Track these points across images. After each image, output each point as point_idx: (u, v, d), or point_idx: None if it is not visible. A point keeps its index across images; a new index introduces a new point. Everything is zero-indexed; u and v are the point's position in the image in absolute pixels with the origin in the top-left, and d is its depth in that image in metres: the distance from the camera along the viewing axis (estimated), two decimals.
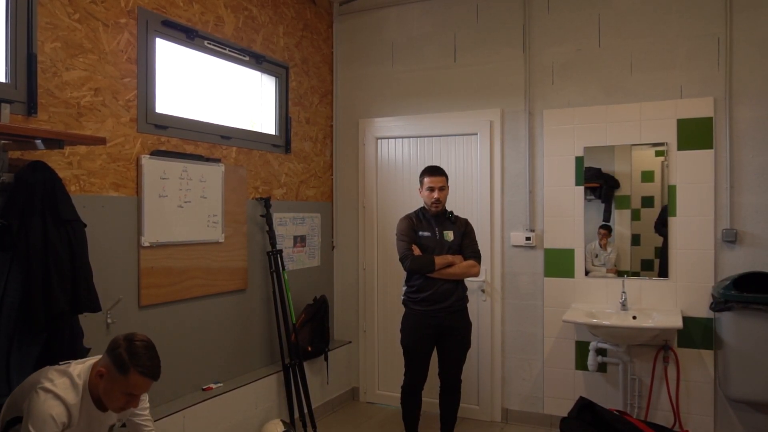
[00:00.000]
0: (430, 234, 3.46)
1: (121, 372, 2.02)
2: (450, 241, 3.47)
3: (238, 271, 3.65)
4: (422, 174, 3.53)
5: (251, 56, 3.81)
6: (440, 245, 3.44)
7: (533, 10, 4.08)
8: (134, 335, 2.10)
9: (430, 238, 3.45)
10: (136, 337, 2.09)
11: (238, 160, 3.71)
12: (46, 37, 2.55)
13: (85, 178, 2.72)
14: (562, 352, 4.00)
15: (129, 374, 2.02)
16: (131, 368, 2.02)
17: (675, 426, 3.67)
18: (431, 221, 3.50)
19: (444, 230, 3.48)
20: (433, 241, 3.44)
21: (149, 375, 2.07)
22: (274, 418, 3.73)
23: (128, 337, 2.08)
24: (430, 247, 3.43)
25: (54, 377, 2.06)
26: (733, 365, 3.40)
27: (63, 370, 2.10)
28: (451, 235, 3.48)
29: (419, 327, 3.43)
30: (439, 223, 3.50)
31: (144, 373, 2.04)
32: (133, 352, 2.03)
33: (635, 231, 3.86)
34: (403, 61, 4.50)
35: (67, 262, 2.39)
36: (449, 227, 3.50)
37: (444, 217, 3.52)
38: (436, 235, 3.46)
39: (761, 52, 3.54)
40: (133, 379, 2.03)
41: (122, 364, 2.01)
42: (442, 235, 3.47)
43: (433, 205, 3.46)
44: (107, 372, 2.04)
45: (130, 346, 2.04)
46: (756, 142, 3.55)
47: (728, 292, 3.37)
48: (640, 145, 3.82)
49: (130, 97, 2.96)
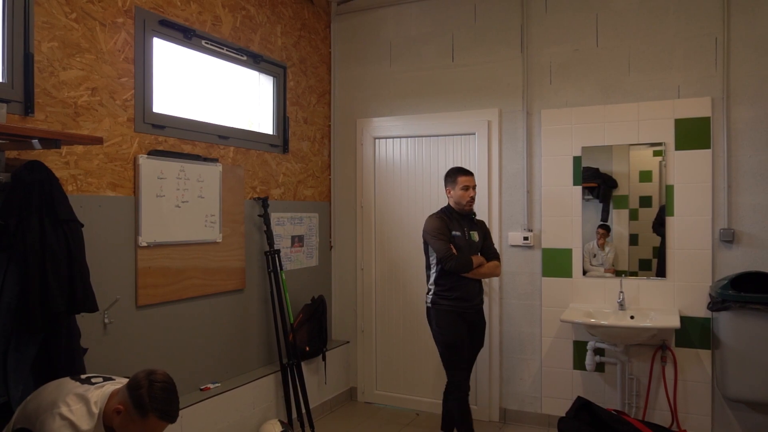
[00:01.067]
0: (460, 234, 3.47)
1: (140, 414, 2.00)
2: (476, 241, 3.53)
3: (235, 271, 3.64)
4: (453, 174, 3.54)
5: (249, 56, 3.81)
6: (469, 245, 3.48)
7: (531, 10, 4.09)
8: (155, 374, 2.07)
9: (461, 237, 3.46)
10: (157, 378, 2.06)
11: (236, 160, 3.70)
12: (43, 36, 2.54)
13: (82, 178, 2.72)
14: (560, 351, 4.00)
15: (148, 417, 2.00)
16: (150, 412, 2.00)
17: (673, 425, 3.68)
18: (460, 221, 3.51)
19: (471, 230, 3.53)
20: (463, 241, 3.46)
21: (167, 419, 2.05)
22: (272, 418, 3.72)
23: (150, 377, 2.05)
24: (462, 247, 3.44)
25: (72, 402, 2.04)
26: (731, 365, 3.40)
27: (81, 395, 2.07)
28: (477, 236, 3.54)
29: (457, 322, 3.44)
30: (465, 223, 3.53)
31: (163, 417, 2.03)
32: (154, 396, 2.01)
33: (633, 231, 3.86)
34: (401, 60, 4.50)
35: (64, 262, 2.38)
36: (474, 227, 3.56)
37: (469, 217, 3.56)
38: (465, 235, 3.49)
39: (759, 53, 3.54)
40: (151, 423, 2.02)
41: (142, 406, 2.00)
42: (470, 236, 3.51)
43: (468, 204, 3.49)
44: (125, 410, 2.03)
45: (151, 387, 2.02)
46: (753, 142, 3.56)
47: (726, 292, 3.37)
48: (638, 145, 3.82)
49: (128, 96, 2.95)
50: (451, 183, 3.54)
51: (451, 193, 3.53)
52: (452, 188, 3.53)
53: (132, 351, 2.95)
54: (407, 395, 4.48)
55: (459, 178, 3.50)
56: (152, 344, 3.08)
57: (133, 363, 2.91)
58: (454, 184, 3.52)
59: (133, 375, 2.08)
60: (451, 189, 3.54)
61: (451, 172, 3.57)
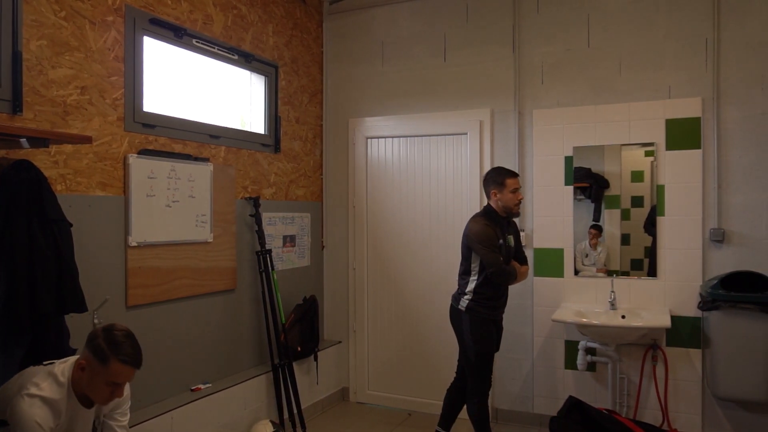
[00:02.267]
0: (503, 241, 3.33)
1: (102, 362, 2.01)
2: (512, 246, 3.43)
3: (226, 271, 3.63)
4: (500, 176, 3.34)
5: (240, 55, 3.79)
6: (507, 252, 3.37)
7: (523, 10, 4.09)
8: (113, 325, 2.09)
9: (503, 245, 3.33)
10: (114, 327, 2.07)
11: (227, 160, 3.69)
12: (32, 34, 2.52)
13: (71, 178, 2.70)
14: (552, 351, 4.01)
15: (110, 363, 2.01)
16: (111, 357, 2.01)
17: (663, 424, 3.69)
18: (501, 227, 3.36)
19: (507, 235, 3.40)
20: (505, 248, 3.35)
21: (130, 363, 2.05)
22: (264, 418, 3.71)
23: (106, 327, 2.07)
24: (504, 255, 3.31)
25: (39, 381, 2.04)
26: (721, 364, 3.42)
27: (47, 371, 2.08)
28: (512, 241, 3.44)
29: (492, 332, 3.37)
30: (504, 228, 3.39)
31: (125, 361, 2.03)
32: (113, 341, 2.02)
33: (625, 231, 3.87)
34: (393, 60, 4.49)
35: (52, 262, 2.36)
36: (509, 230, 3.44)
37: (506, 221, 3.42)
38: (506, 241, 3.37)
39: (749, 53, 3.56)
40: (114, 368, 2.02)
41: (102, 354, 2.00)
42: (507, 241, 3.38)
43: (516, 206, 3.34)
44: (88, 364, 2.03)
45: (108, 335, 2.03)
46: (743, 143, 3.57)
47: (716, 292, 3.39)
48: (630, 145, 3.83)
49: (118, 95, 2.94)
50: (496, 185, 3.33)
51: (498, 196, 3.32)
52: (499, 191, 3.32)
53: None
54: (399, 395, 4.47)
55: (508, 180, 3.30)
56: (142, 345, 2.98)
57: None
58: (501, 186, 3.31)
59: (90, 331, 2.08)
60: (497, 192, 3.32)
61: (495, 175, 3.37)
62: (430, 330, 4.36)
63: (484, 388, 3.39)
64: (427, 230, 4.36)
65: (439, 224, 4.29)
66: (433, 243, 4.33)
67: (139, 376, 2.98)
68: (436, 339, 4.33)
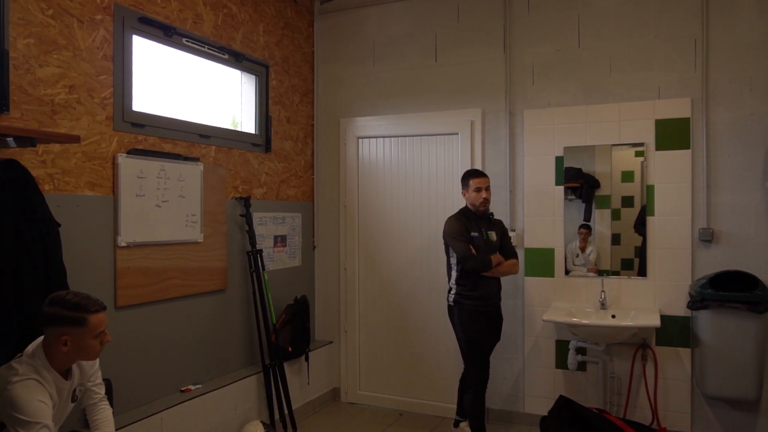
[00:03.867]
0: (478, 235, 3.56)
1: (81, 325, 2.04)
2: (494, 240, 3.62)
3: (217, 271, 3.61)
4: (466, 177, 3.65)
5: (231, 54, 3.78)
6: (487, 245, 3.56)
7: (514, 11, 4.10)
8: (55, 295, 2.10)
9: (479, 238, 3.56)
10: (59, 296, 2.09)
11: (218, 160, 3.67)
12: (19, 32, 2.50)
13: (59, 177, 2.67)
14: (543, 351, 4.02)
15: (88, 321, 2.05)
16: (85, 315, 2.05)
17: (653, 423, 3.71)
18: (477, 222, 3.60)
19: (488, 230, 3.62)
20: (481, 241, 3.55)
21: (101, 309, 2.11)
22: (254, 419, 3.70)
23: (53, 300, 2.06)
24: (480, 247, 3.53)
25: (17, 368, 2.03)
26: (710, 363, 3.44)
27: (18, 360, 2.07)
28: (494, 236, 3.63)
29: (480, 321, 3.56)
30: (483, 223, 3.62)
31: (97, 310, 2.09)
32: (73, 304, 2.05)
33: (615, 231, 3.89)
34: (385, 60, 4.49)
35: (40, 263, 2.34)
36: (491, 227, 3.65)
37: (486, 218, 3.66)
38: (483, 235, 3.58)
39: (737, 54, 3.59)
40: (94, 321, 2.07)
41: (75, 319, 2.03)
42: (487, 236, 3.59)
43: (482, 204, 3.58)
44: (68, 336, 2.04)
45: (63, 303, 2.04)
46: (732, 143, 3.60)
47: (705, 291, 3.41)
48: (620, 146, 3.84)
49: (106, 94, 2.91)
50: (463, 185, 3.66)
51: (466, 195, 3.64)
52: (465, 190, 3.64)
53: (111, 352, 2.90)
54: (391, 395, 4.47)
55: (471, 180, 3.60)
56: (132, 345, 3.04)
57: (112, 364, 2.88)
58: (467, 186, 3.63)
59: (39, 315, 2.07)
60: (465, 192, 3.64)
61: (464, 176, 3.68)
62: (421, 330, 4.36)
63: (480, 377, 3.56)
64: (419, 230, 4.36)
65: (431, 224, 4.29)
66: (424, 243, 4.33)
67: (128, 377, 2.98)
68: (427, 339, 4.33)
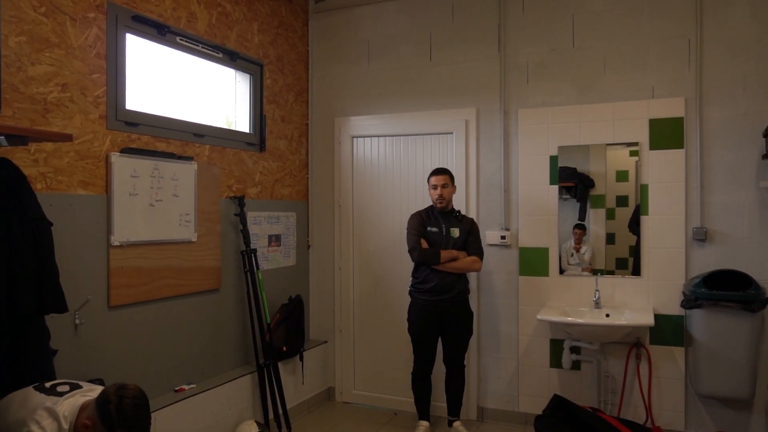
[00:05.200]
0: (437, 230, 3.69)
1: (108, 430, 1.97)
2: (455, 237, 3.69)
3: (211, 270, 3.60)
4: (429, 175, 3.79)
5: (225, 53, 3.76)
6: (446, 240, 3.67)
7: (508, 10, 4.10)
8: (126, 390, 2.03)
9: (437, 233, 3.68)
10: (126, 394, 2.02)
11: (212, 159, 3.66)
12: (11, 30, 2.48)
13: (51, 176, 2.66)
14: (537, 350, 4.02)
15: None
16: (117, 429, 1.97)
17: (647, 422, 3.72)
18: (439, 218, 3.73)
19: (451, 227, 3.71)
20: (439, 237, 3.68)
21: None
22: (249, 419, 3.69)
23: (119, 392, 2.01)
24: (437, 242, 3.67)
25: (41, 419, 2.00)
26: (703, 362, 3.45)
27: (50, 410, 2.03)
28: (457, 232, 3.70)
29: (424, 315, 3.70)
30: (446, 220, 3.73)
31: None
32: (122, 412, 1.97)
33: (610, 230, 3.89)
34: (379, 59, 4.49)
35: (32, 262, 2.32)
36: (456, 225, 3.73)
37: (451, 215, 3.76)
38: (443, 231, 3.69)
39: (730, 54, 3.60)
40: None
41: (110, 422, 1.96)
42: (448, 232, 3.70)
43: (437, 201, 3.70)
44: (93, 426, 1.99)
45: (120, 403, 1.98)
46: (725, 142, 3.61)
47: (698, 290, 3.42)
48: (615, 145, 3.85)
49: (99, 93, 2.90)
50: (428, 184, 3.79)
51: (430, 192, 3.78)
52: (428, 188, 3.78)
53: (104, 352, 2.90)
54: (385, 395, 4.47)
55: (429, 179, 3.76)
56: (125, 345, 3.03)
57: (105, 365, 2.87)
58: (428, 184, 3.78)
59: (103, 389, 2.02)
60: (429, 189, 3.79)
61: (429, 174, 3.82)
62: None
63: (416, 369, 3.81)
64: None
65: None
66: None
67: (121, 377, 2.96)
68: None
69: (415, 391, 3.86)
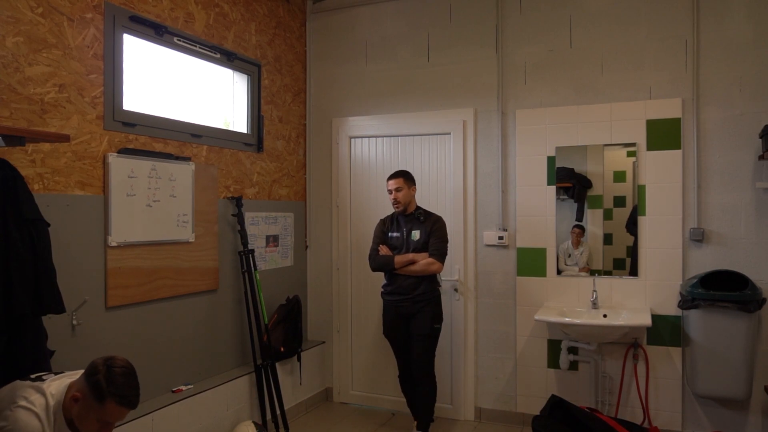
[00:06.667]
0: (398, 234, 3.73)
1: (97, 400, 1.95)
2: (415, 240, 3.68)
3: (208, 271, 3.60)
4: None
5: (222, 54, 3.76)
6: (406, 244, 3.69)
7: (506, 11, 4.11)
8: (113, 360, 2.02)
9: (398, 238, 3.72)
10: (115, 363, 2.00)
11: (209, 159, 3.66)
12: (8, 31, 2.48)
13: (49, 177, 2.65)
14: (535, 350, 4.03)
15: (105, 403, 1.95)
16: (108, 397, 1.95)
17: (644, 422, 3.72)
18: (401, 222, 3.75)
19: (412, 230, 3.70)
20: (399, 241, 3.71)
21: (126, 404, 1.99)
22: (246, 419, 3.69)
23: (107, 362, 2.00)
24: (396, 247, 3.71)
25: (29, 394, 2.00)
26: (700, 362, 3.46)
27: (38, 387, 2.03)
28: (418, 235, 3.68)
29: (391, 316, 3.75)
30: (408, 223, 3.73)
31: (121, 402, 1.97)
32: (111, 380, 1.96)
33: (607, 230, 3.90)
34: (377, 60, 4.49)
35: (29, 263, 2.32)
36: (417, 227, 3.70)
37: (413, 217, 3.73)
38: (403, 234, 3.71)
39: (727, 54, 3.61)
40: (109, 408, 1.96)
41: (99, 391, 1.94)
42: (409, 235, 3.69)
43: (394, 205, 3.72)
44: (83, 397, 1.98)
45: (108, 372, 1.97)
46: (722, 143, 3.62)
47: (695, 290, 3.43)
48: (612, 146, 3.86)
49: (97, 93, 2.90)
50: None
51: None
52: None
53: (101, 353, 2.82)
54: (383, 395, 4.47)
55: (387, 182, 3.75)
56: (122, 346, 3.02)
57: None
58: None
59: (91, 362, 2.02)
60: None
61: None
62: None
63: (398, 368, 3.85)
64: None
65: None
66: None
67: None
68: None
69: (404, 394, 3.91)
